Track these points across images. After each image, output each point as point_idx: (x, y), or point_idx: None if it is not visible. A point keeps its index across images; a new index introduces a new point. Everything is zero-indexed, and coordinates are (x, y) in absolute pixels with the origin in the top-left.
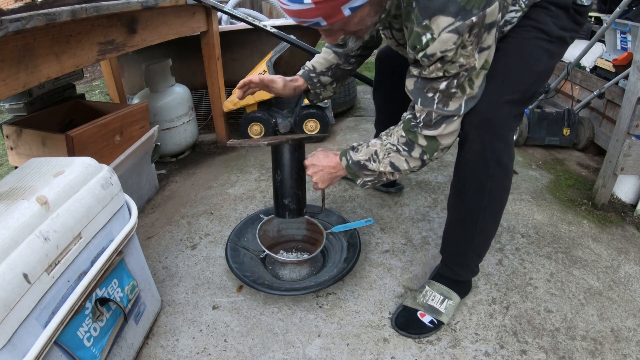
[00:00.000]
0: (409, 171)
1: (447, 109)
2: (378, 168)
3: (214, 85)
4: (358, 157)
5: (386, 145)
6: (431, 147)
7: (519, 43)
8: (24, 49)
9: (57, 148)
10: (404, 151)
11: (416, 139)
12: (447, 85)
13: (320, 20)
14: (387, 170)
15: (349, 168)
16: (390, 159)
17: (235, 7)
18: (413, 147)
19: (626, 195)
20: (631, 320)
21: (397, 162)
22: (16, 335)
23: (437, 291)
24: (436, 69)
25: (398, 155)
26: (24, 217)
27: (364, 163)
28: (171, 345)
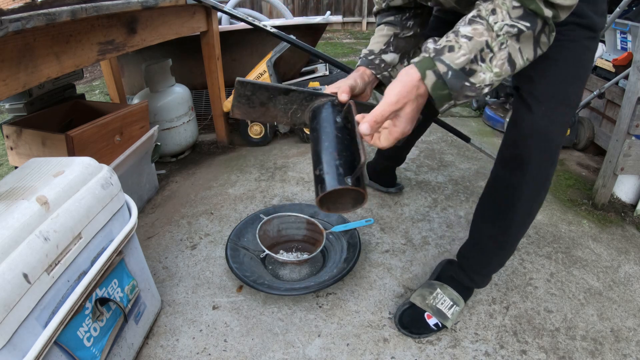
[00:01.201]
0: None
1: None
2: (491, 70)
3: (214, 85)
4: (460, 60)
5: (502, 29)
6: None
7: (570, 51)
8: (24, 49)
9: (57, 148)
10: (527, 30)
11: (540, 9)
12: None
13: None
14: (503, 70)
15: (438, 88)
16: (509, 51)
17: (235, 7)
18: (536, 23)
19: (626, 195)
20: (631, 320)
21: (514, 55)
22: (16, 335)
23: (449, 296)
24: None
25: (514, 40)
26: (24, 217)
27: (470, 68)
28: (171, 345)
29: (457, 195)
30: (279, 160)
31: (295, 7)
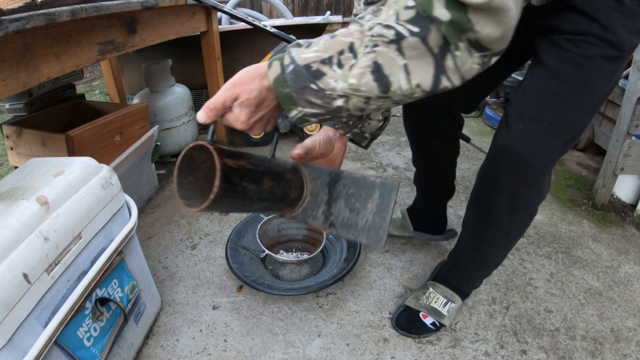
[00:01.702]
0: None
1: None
2: (346, 80)
3: (214, 85)
4: (307, 55)
5: (373, 29)
6: (457, 27)
7: (574, 64)
8: (24, 49)
9: (57, 148)
10: (411, 36)
11: (429, 7)
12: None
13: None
14: (363, 84)
15: (279, 84)
16: (377, 57)
17: (235, 7)
18: (429, 27)
19: (626, 195)
20: (631, 320)
21: (387, 67)
22: (16, 335)
23: (441, 294)
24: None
25: (394, 47)
26: (24, 217)
27: (317, 68)
28: (171, 345)
29: (457, 195)
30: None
31: (295, 7)
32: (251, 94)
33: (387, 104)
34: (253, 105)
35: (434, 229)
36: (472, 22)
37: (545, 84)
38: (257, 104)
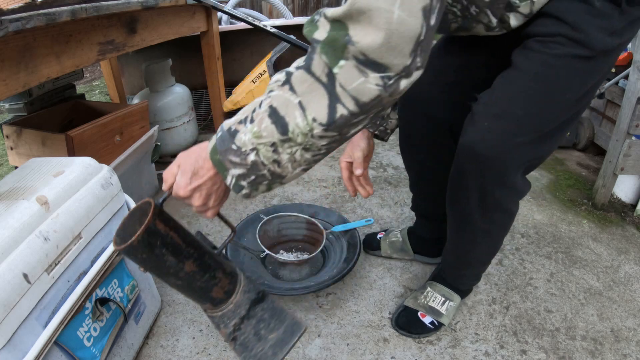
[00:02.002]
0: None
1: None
2: (251, 131)
3: (214, 85)
4: (230, 121)
5: (273, 79)
6: (333, 44)
7: (544, 62)
8: (24, 49)
9: (57, 148)
10: (297, 70)
11: (312, 33)
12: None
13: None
14: (263, 128)
15: (213, 152)
16: (272, 101)
17: (235, 7)
18: (313, 56)
19: (626, 195)
20: (631, 320)
21: (281, 105)
22: (16, 335)
23: (439, 292)
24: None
25: (286, 87)
26: (24, 217)
27: (234, 129)
28: (171, 345)
29: None
30: None
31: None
32: (189, 161)
33: (298, 151)
34: (189, 171)
35: (435, 252)
36: (349, 35)
37: (513, 81)
38: (194, 171)
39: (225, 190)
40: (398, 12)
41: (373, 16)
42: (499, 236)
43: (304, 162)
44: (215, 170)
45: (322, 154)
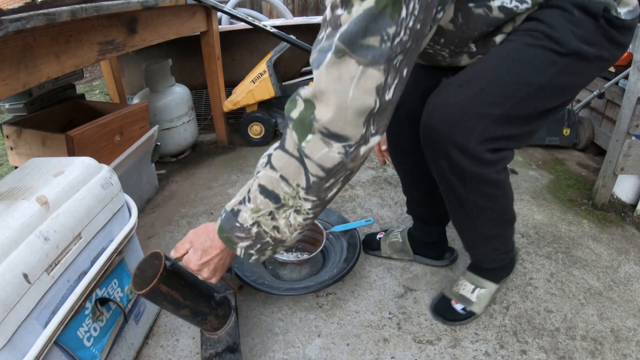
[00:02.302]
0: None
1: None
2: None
3: (214, 85)
4: (231, 203)
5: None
6: (302, 124)
7: (516, 47)
8: (24, 49)
9: (57, 148)
10: (274, 151)
11: (289, 112)
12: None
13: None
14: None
15: (220, 231)
16: (260, 181)
17: (235, 7)
18: (285, 137)
19: (626, 195)
20: (631, 320)
21: (268, 182)
22: (16, 335)
23: (469, 280)
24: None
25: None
26: (24, 217)
27: (237, 209)
28: (171, 345)
29: None
30: None
31: (295, 7)
32: (199, 240)
33: (292, 214)
34: (200, 250)
35: (435, 255)
36: (314, 114)
37: (483, 60)
38: (204, 249)
39: (230, 261)
40: (352, 92)
41: (331, 97)
42: (495, 207)
43: (298, 226)
44: (223, 247)
45: (311, 218)
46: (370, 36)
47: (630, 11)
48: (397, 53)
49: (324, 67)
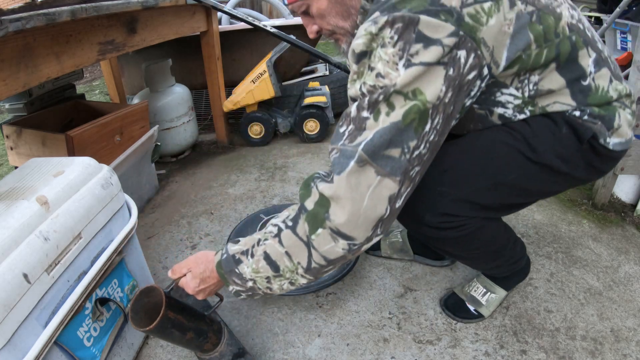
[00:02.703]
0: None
1: (350, 143)
2: (250, 266)
3: (214, 85)
4: (234, 249)
5: (268, 228)
6: (315, 218)
7: (491, 141)
8: (24, 49)
9: (57, 148)
10: (286, 229)
11: (304, 199)
12: (358, 107)
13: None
14: (261, 267)
15: (219, 267)
16: (265, 248)
17: (235, 7)
18: (298, 221)
19: (626, 195)
20: (631, 320)
21: (273, 254)
22: (16, 335)
23: (482, 284)
24: (354, 73)
25: (277, 240)
26: (24, 217)
27: (238, 257)
28: (171, 345)
29: None
30: (279, 160)
31: None
32: (198, 269)
33: (285, 283)
34: (198, 278)
35: (434, 254)
36: (328, 213)
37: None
38: (202, 278)
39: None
40: (367, 201)
41: (347, 204)
42: (477, 252)
43: (288, 290)
44: (219, 279)
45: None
46: (392, 148)
47: (621, 142)
48: (415, 165)
49: (345, 175)
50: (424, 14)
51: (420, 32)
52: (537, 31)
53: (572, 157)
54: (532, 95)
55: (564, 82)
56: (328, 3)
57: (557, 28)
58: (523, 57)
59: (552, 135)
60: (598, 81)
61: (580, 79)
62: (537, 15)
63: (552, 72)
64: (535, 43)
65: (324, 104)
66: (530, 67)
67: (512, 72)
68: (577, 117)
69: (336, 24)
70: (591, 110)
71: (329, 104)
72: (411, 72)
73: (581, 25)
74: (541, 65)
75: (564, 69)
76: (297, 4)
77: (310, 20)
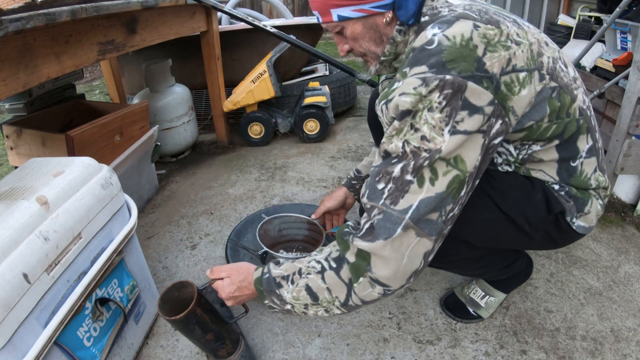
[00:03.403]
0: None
1: (395, 207)
2: (291, 292)
3: (214, 85)
4: (276, 272)
5: (310, 262)
6: (357, 269)
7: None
8: (24, 49)
9: (57, 148)
10: (330, 270)
11: (345, 251)
12: (402, 169)
13: (317, 14)
14: (301, 296)
15: (258, 283)
16: (308, 281)
17: (235, 7)
18: (342, 265)
19: (626, 195)
20: (631, 320)
21: (315, 287)
22: (16, 335)
23: (480, 287)
24: (394, 129)
25: (319, 276)
26: (24, 217)
27: (279, 281)
28: (171, 345)
29: None
30: (279, 160)
31: (295, 7)
32: (237, 277)
33: (321, 311)
34: (235, 285)
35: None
36: (370, 266)
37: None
38: (239, 286)
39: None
40: (406, 260)
41: (390, 263)
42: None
43: (320, 316)
44: (254, 292)
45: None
46: (432, 212)
47: (584, 227)
48: (448, 225)
49: (392, 240)
50: (471, 80)
51: (466, 100)
52: (554, 107)
53: (535, 222)
54: (524, 159)
55: (557, 157)
56: (363, 28)
57: (569, 108)
58: (534, 127)
59: (526, 197)
60: (585, 167)
61: (571, 160)
62: (557, 92)
63: (552, 148)
64: (549, 117)
65: (324, 104)
66: (535, 138)
67: (519, 137)
68: (554, 189)
69: (368, 48)
70: (570, 190)
71: (329, 104)
72: (455, 139)
73: (589, 112)
74: (546, 138)
75: (562, 147)
76: (332, 25)
77: (343, 40)
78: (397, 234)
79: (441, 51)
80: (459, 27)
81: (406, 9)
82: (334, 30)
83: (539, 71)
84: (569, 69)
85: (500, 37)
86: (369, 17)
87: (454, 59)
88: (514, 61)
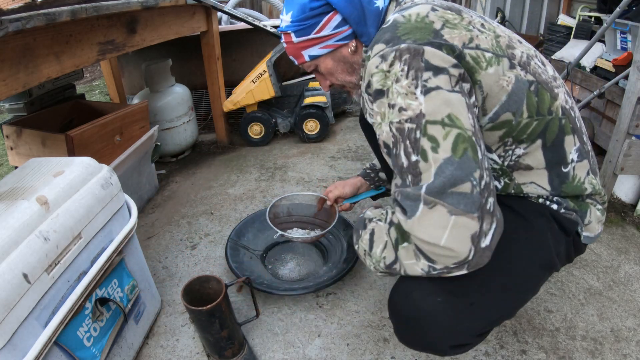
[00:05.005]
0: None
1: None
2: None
3: (214, 85)
4: (367, 215)
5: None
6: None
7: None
8: (24, 49)
9: (57, 148)
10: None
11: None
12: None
13: (292, 58)
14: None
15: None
16: (374, 227)
17: (235, 7)
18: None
19: (626, 195)
20: (631, 320)
21: (376, 236)
22: (16, 335)
23: None
24: (377, 114)
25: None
26: (24, 217)
27: (365, 223)
28: (171, 345)
29: None
30: (279, 160)
31: None
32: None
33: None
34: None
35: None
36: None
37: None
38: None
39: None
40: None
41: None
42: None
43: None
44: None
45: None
46: (460, 184)
47: (589, 237)
48: (486, 197)
49: (417, 218)
50: (428, 45)
51: (428, 62)
52: (532, 101)
53: (562, 252)
54: (511, 165)
55: (544, 162)
56: (333, 62)
57: (551, 106)
58: (513, 122)
59: (552, 235)
60: (577, 171)
61: (561, 165)
62: (535, 86)
63: (537, 150)
64: (527, 112)
65: (324, 104)
66: (516, 136)
67: (498, 135)
68: (555, 210)
69: (344, 79)
70: (567, 204)
71: (329, 104)
72: (432, 97)
73: (573, 113)
74: (527, 137)
75: (548, 150)
76: (307, 65)
77: (321, 77)
78: (420, 210)
79: (396, 27)
80: (416, 8)
81: (367, 34)
82: (310, 69)
83: (509, 60)
84: (547, 68)
85: (462, 21)
86: (336, 51)
87: (408, 32)
88: (476, 41)
